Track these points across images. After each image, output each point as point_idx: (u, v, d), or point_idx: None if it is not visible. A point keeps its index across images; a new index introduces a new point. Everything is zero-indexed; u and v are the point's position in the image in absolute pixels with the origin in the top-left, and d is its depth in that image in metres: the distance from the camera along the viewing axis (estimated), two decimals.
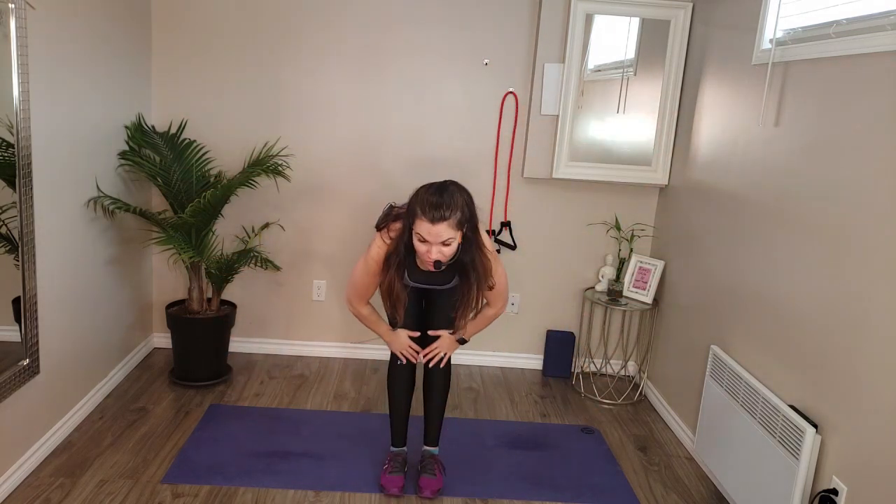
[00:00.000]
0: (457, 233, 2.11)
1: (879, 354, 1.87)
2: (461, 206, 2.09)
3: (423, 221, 2.07)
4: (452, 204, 2.07)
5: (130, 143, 3.14)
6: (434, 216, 2.05)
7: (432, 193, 2.09)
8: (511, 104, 3.49)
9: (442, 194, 2.08)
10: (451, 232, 2.08)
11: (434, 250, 2.10)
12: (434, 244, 2.09)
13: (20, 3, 2.19)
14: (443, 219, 2.06)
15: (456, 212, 2.07)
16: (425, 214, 2.06)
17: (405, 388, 2.59)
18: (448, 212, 2.06)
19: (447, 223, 2.07)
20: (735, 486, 2.48)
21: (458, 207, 2.08)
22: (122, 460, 2.60)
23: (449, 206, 2.06)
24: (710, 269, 2.93)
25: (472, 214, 2.15)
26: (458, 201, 2.09)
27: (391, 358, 2.57)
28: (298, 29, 3.37)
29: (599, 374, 3.76)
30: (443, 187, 2.12)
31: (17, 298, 2.32)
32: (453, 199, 2.08)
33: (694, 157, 3.17)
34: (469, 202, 2.14)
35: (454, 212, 2.07)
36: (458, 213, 2.08)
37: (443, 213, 2.05)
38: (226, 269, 3.26)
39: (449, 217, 2.06)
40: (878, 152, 1.92)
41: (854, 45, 2.04)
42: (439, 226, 2.06)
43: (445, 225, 2.06)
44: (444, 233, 2.07)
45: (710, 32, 3.09)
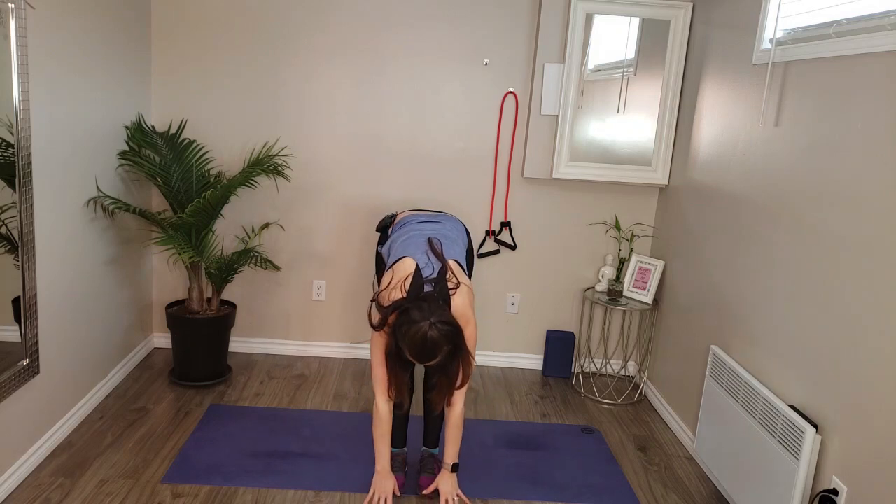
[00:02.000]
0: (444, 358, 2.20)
1: (879, 354, 1.87)
2: (445, 351, 2.16)
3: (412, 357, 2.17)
4: (437, 352, 2.14)
5: (130, 143, 3.14)
6: (420, 357, 2.15)
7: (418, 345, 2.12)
8: (511, 104, 3.49)
9: (425, 348, 2.12)
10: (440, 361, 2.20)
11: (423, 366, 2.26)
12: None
13: (20, 3, 2.19)
14: (428, 359, 2.16)
15: (442, 347, 2.15)
16: (412, 356, 2.16)
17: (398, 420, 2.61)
18: (433, 354, 2.14)
19: (435, 362, 2.19)
20: (735, 486, 2.48)
21: (441, 352, 2.15)
22: (122, 460, 2.60)
23: (433, 356, 2.15)
24: (710, 270, 2.93)
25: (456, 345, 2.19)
26: (441, 347, 2.14)
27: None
28: (298, 29, 3.37)
29: (599, 374, 3.76)
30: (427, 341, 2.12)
31: (17, 298, 2.32)
32: (436, 349, 2.13)
33: (694, 157, 3.17)
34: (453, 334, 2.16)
35: (440, 349, 2.14)
36: (440, 357, 2.16)
37: (428, 354, 2.14)
38: (226, 269, 3.26)
39: (435, 357, 2.16)
40: (878, 152, 1.92)
41: (854, 45, 2.04)
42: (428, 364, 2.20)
43: (433, 363, 2.19)
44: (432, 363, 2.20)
45: (710, 32, 3.09)
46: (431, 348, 2.12)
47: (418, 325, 2.10)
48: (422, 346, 2.12)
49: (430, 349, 2.12)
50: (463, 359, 2.26)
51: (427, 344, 2.11)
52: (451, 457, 2.47)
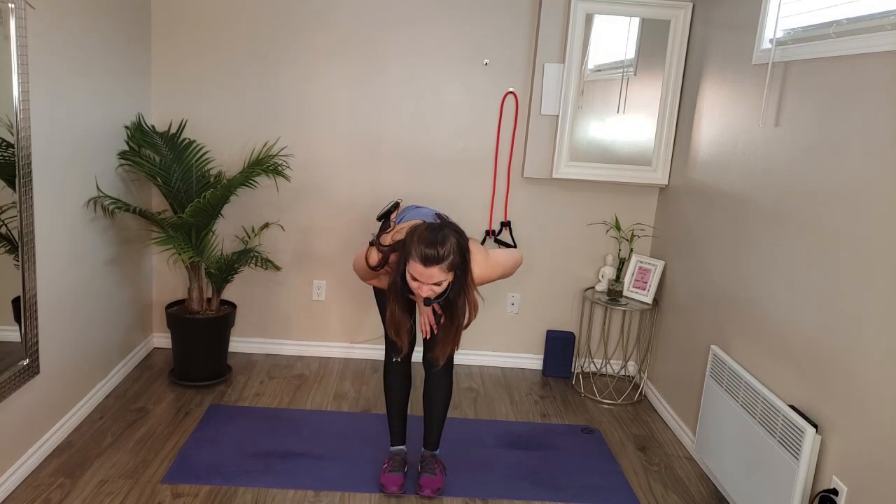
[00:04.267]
0: (448, 274, 2.18)
1: (879, 355, 1.87)
2: (453, 251, 2.16)
3: (417, 264, 2.14)
4: (445, 250, 2.14)
5: (130, 143, 3.14)
6: (426, 258, 2.13)
7: (427, 237, 2.15)
8: (511, 104, 3.49)
9: (436, 238, 2.14)
10: (442, 275, 2.16)
11: (425, 289, 2.18)
12: (425, 284, 2.17)
13: (20, 3, 2.19)
14: (435, 263, 2.13)
15: (448, 257, 2.14)
16: (419, 257, 2.14)
17: (402, 386, 2.60)
18: (441, 256, 2.13)
19: (439, 267, 2.14)
20: (735, 486, 2.48)
21: (451, 252, 2.15)
22: (122, 460, 2.60)
23: (442, 251, 2.13)
24: (710, 269, 2.93)
25: (463, 257, 2.22)
26: (450, 247, 2.15)
27: (386, 356, 2.57)
28: (298, 29, 3.37)
29: (599, 374, 3.76)
30: (437, 231, 2.17)
31: (17, 298, 2.32)
32: (446, 245, 2.14)
33: (694, 157, 3.17)
34: (462, 245, 2.20)
35: (446, 257, 2.14)
36: (451, 257, 2.15)
37: (435, 257, 2.13)
38: (226, 269, 3.26)
39: (441, 262, 2.13)
40: (878, 152, 1.92)
41: (854, 45, 2.03)
42: (432, 269, 2.14)
43: (437, 269, 2.14)
44: (436, 275, 2.15)
45: (710, 32, 3.09)
46: (442, 240, 2.11)
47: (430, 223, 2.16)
48: (434, 233, 2.13)
49: (441, 240, 2.11)
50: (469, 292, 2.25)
51: (438, 236, 2.12)
52: None
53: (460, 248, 2.19)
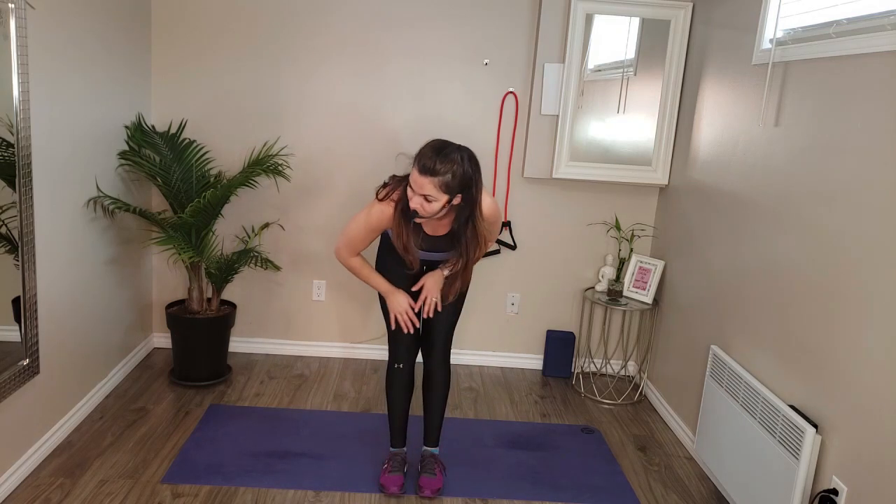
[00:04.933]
0: (441, 195, 2.09)
1: (879, 354, 1.87)
2: (453, 172, 2.07)
3: (414, 169, 2.09)
4: (445, 165, 2.06)
5: (130, 143, 3.14)
6: (422, 167, 2.06)
7: (433, 147, 2.10)
8: (511, 104, 3.49)
9: (440, 152, 2.08)
10: (433, 190, 2.07)
11: (416, 199, 2.11)
12: (417, 193, 2.10)
13: (20, 3, 2.19)
14: (429, 173, 2.05)
15: (445, 174, 2.06)
16: (417, 163, 2.08)
17: (404, 392, 2.58)
18: (437, 169, 2.05)
19: (431, 180, 2.06)
20: (735, 486, 2.48)
21: (450, 171, 2.06)
22: (122, 460, 2.60)
23: (441, 165, 2.05)
24: (710, 269, 2.93)
25: (467, 186, 2.13)
26: (452, 166, 2.07)
27: (389, 362, 2.57)
28: (298, 29, 3.37)
29: (599, 374, 3.76)
30: (446, 147, 2.10)
31: (17, 298, 2.32)
32: (448, 162, 2.06)
33: (694, 157, 3.17)
34: (467, 173, 2.11)
35: (443, 174, 2.06)
36: (448, 177, 2.06)
37: (432, 168, 2.05)
38: (226, 269, 3.26)
39: (435, 175, 2.05)
40: (878, 152, 1.92)
41: (854, 45, 2.03)
42: (424, 178, 2.06)
43: (429, 180, 2.06)
44: (426, 187, 2.07)
45: (710, 32, 3.08)
46: (446, 157, 2.05)
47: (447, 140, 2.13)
48: (442, 146, 2.08)
49: (445, 157, 2.05)
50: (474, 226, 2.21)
51: (445, 152, 2.06)
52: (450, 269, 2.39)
53: (464, 175, 2.10)
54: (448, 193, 2.10)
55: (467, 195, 2.16)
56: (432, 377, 2.58)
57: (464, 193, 2.15)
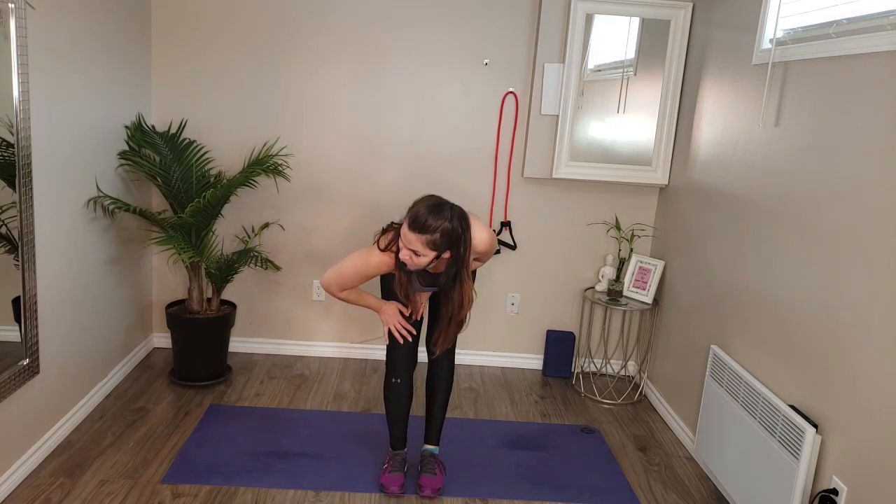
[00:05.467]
0: (429, 251, 2.18)
1: (879, 354, 1.87)
2: (442, 230, 2.14)
3: (405, 224, 2.18)
4: (434, 226, 2.14)
5: (130, 143, 3.14)
6: (412, 223, 2.15)
7: (426, 205, 2.17)
8: (511, 104, 3.49)
9: (431, 213, 2.15)
10: (420, 246, 2.16)
11: (404, 252, 2.21)
12: (406, 247, 2.20)
13: (20, 3, 2.19)
14: (418, 230, 2.14)
15: (434, 234, 2.14)
16: (409, 218, 2.17)
17: (403, 403, 2.58)
18: (426, 227, 2.14)
19: (419, 237, 2.15)
20: (735, 486, 2.48)
21: (438, 230, 2.14)
22: (122, 460, 2.60)
23: (430, 226, 2.14)
24: (710, 269, 2.93)
25: (454, 244, 2.20)
26: (442, 224, 2.14)
27: (387, 375, 2.55)
28: (298, 29, 3.37)
29: (599, 374, 3.76)
30: (441, 206, 2.18)
31: (17, 298, 2.32)
32: (438, 223, 2.14)
33: (694, 157, 3.17)
34: (457, 233, 2.18)
35: (431, 231, 2.14)
36: (436, 236, 2.14)
37: (420, 226, 2.14)
38: (226, 269, 3.26)
39: (424, 232, 2.14)
40: (878, 152, 1.92)
41: (854, 45, 2.03)
42: (412, 234, 2.15)
43: (416, 237, 2.15)
44: (414, 243, 2.16)
45: (710, 32, 3.08)
46: (437, 216, 2.13)
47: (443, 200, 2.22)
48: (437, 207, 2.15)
49: (436, 216, 2.13)
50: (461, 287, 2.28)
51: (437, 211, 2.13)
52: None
53: (451, 234, 2.17)
54: (436, 250, 2.18)
55: (455, 253, 2.23)
56: (436, 378, 2.59)
57: (452, 251, 2.22)
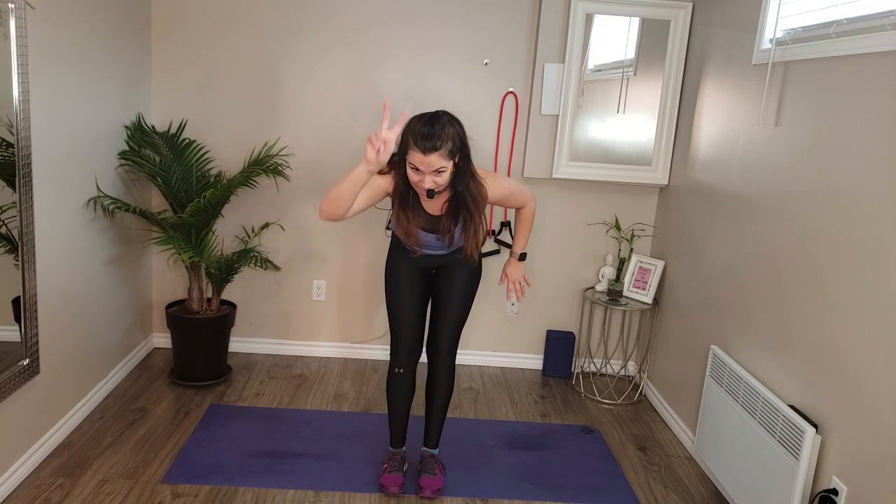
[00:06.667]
0: (448, 162, 2.15)
1: (879, 354, 1.87)
2: (452, 136, 2.14)
3: (416, 152, 2.12)
4: (444, 134, 2.12)
5: (130, 143, 3.14)
6: (426, 147, 2.10)
7: (424, 124, 2.14)
8: (511, 104, 3.49)
9: (433, 125, 2.13)
10: (442, 161, 2.13)
11: (427, 179, 2.15)
12: (427, 173, 2.14)
13: (20, 3, 2.19)
14: (434, 149, 2.10)
15: (447, 141, 2.12)
16: (417, 145, 2.11)
17: (404, 396, 2.57)
18: (439, 142, 2.11)
19: (438, 153, 2.11)
20: (735, 486, 2.48)
21: (449, 137, 2.13)
22: (122, 460, 2.60)
23: (440, 137, 2.11)
24: (710, 269, 2.93)
25: (463, 144, 2.20)
26: (448, 132, 2.13)
27: (390, 366, 2.55)
28: (298, 29, 3.37)
29: (599, 374, 3.76)
30: (434, 118, 2.16)
31: (17, 298, 2.32)
32: (444, 130, 2.12)
33: (694, 157, 3.17)
34: (460, 132, 2.19)
35: (445, 142, 2.12)
36: (450, 143, 2.13)
37: (434, 143, 2.10)
38: (226, 269, 3.26)
39: (440, 147, 2.11)
40: (878, 152, 1.92)
41: (854, 45, 2.03)
42: (431, 156, 2.11)
43: (437, 155, 2.11)
44: (436, 162, 2.12)
45: (710, 32, 3.09)
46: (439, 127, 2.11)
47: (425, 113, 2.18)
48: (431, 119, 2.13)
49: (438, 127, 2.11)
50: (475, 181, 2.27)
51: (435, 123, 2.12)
52: (521, 247, 2.58)
53: (458, 134, 2.17)
54: (452, 158, 2.16)
55: (463, 150, 2.22)
56: (436, 379, 2.57)
57: (461, 150, 2.21)
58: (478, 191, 2.29)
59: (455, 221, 2.32)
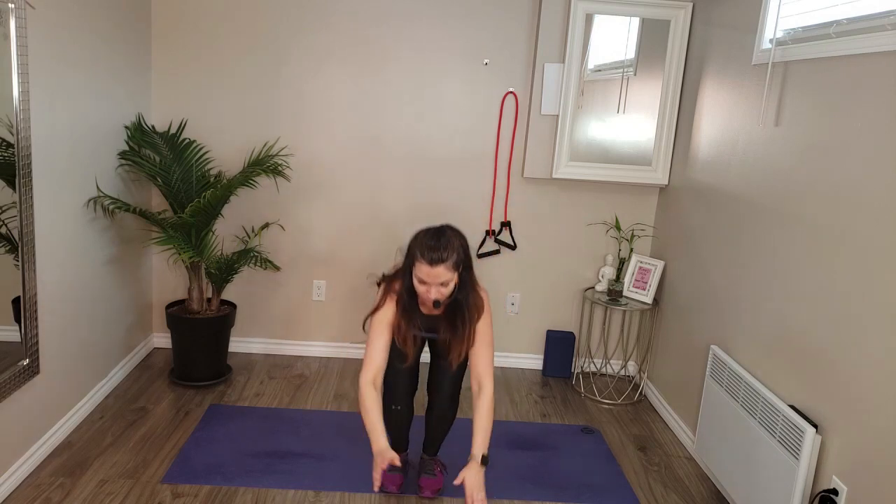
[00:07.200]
0: (454, 274, 2.23)
1: (879, 354, 1.87)
2: (457, 249, 2.23)
3: (423, 264, 2.20)
4: (449, 247, 2.21)
5: (130, 143, 3.14)
6: (433, 259, 2.18)
7: (430, 238, 2.23)
8: (511, 104, 3.49)
9: (439, 238, 2.22)
10: (448, 274, 2.21)
11: (433, 290, 2.23)
12: (433, 285, 2.22)
13: (20, 3, 2.19)
14: (441, 261, 2.18)
15: (452, 254, 2.21)
16: (424, 258, 2.19)
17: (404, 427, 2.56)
18: (445, 254, 2.19)
19: (445, 265, 2.19)
20: (735, 486, 2.48)
21: (455, 250, 2.22)
22: (122, 460, 2.60)
23: (446, 249, 2.20)
24: (710, 269, 2.93)
25: (466, 256, 2.29)
26: (454, 245, 2.23)
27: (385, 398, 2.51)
28: (299, 29, 3.37)
29: (599, 374, 3.76)
30: (440, 232, 2.26)
31: (17, 298, 2.32)
32: (450, 243, 2.22)
33: (694, 157, 3.17)
34: (464, 245, 2.29)
35: (451, 254, 2.20)
36: (455, 256, 2.22)
37: (440, 255, 2.18)
38: (226, 269, 3.26)
39: (446, 260, 2.19)
40: (878, 152, 1.92)
41: (854, 45, 2.04)
42: (438, 268, 2.19)
43: (443, 267, 2.19)
44: (443, 275, 2.20)
45: (710, 32, 3.09)
46: (445, 240, 2.19)
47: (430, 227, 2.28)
48: (437, 233, 2.21)
49: (446, 239, 2.19)
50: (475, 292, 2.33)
51: (441, 236, 2.20)
52: (480, 447, 2.30)
53: (462, 246, 2.26)
54: (457, 270, 2.25)
55: (467, 261, 2.31)
56: (438, 412, 2.53)
57: (465, 262, 2.30)
58: (475, 302, 2.35)
59: (451, 323, 2.35)
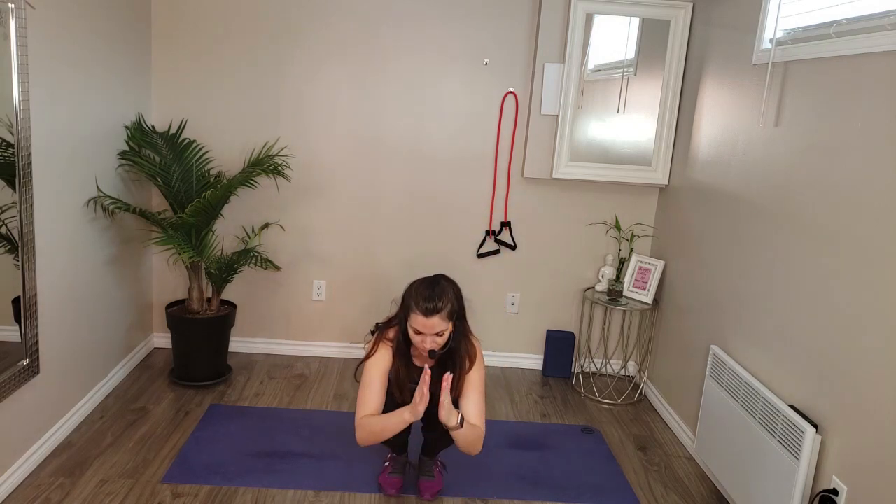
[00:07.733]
0: (448, 323, 2.27)
1: (879, 354, 1.87)
2: (451, 299, 2.27)
3: (418, 315, 2.23)
4: (444, 297, 2.24)
5: (130, 143, 3.14)
6: (427, 309, 2.22)
7: (425, 288, 2.27)
8: (511, 104, 3.49)
9: (433, 289, 2.25)
10: (443, 324, 2.24)
11: (428, 340, 2.26)
12: (428, 335, 2.25)
13: (20, 3, 2.19)
14: (436, 311, 2.22)
15: (447, 304, 2.24)
16: (419, 308, 2.23)
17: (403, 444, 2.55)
18: (440, 304, 2.23)
19: (440, 316, 2.23)
20: (735, 486, 2.48)
21: (449, 300, 2.26)
22: (122, 460, 2.60)
23: (441, 300, 2.23)
24: (710, 269, 2.93)
25: (460, 305, 2.32)
26: (448, 295, 2.26)
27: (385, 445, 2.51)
28: (298, 29, 3.37)
29: (599, 374, 3.76)
30: (434, 282, 2.29)
31: (17, 298, 2.32)
32: (444, 293, 2.25)
33: (694, 157, 3.17)
34: (458, 294, 2.32)
35: (445, 304, 2.24)
36: (449, 306, 2.25)
37: (435, 306, 2.22)
38: (226, 269, 3.26)
39: (441, 310, 2.23)
40: (878, 152, 1.92)
41: (854, 45, 2.04)
42: (433, 318, 2.22)
43: (438, 318, 2.23)
44: (438, 325, 2.23)
45: (710, 32, 3.09)
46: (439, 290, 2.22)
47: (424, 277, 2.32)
48: (431, 283, 2.25)
49: (439, 290, 2.22)
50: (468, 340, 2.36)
51: (435, 287, 2.23)
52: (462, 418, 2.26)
53: (456, 296, 2.30)
54: (451, 320, 2.28)
55: (461, 311, 2.34)
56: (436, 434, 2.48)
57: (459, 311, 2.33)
58: (467, 350, 2.36)
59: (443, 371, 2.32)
